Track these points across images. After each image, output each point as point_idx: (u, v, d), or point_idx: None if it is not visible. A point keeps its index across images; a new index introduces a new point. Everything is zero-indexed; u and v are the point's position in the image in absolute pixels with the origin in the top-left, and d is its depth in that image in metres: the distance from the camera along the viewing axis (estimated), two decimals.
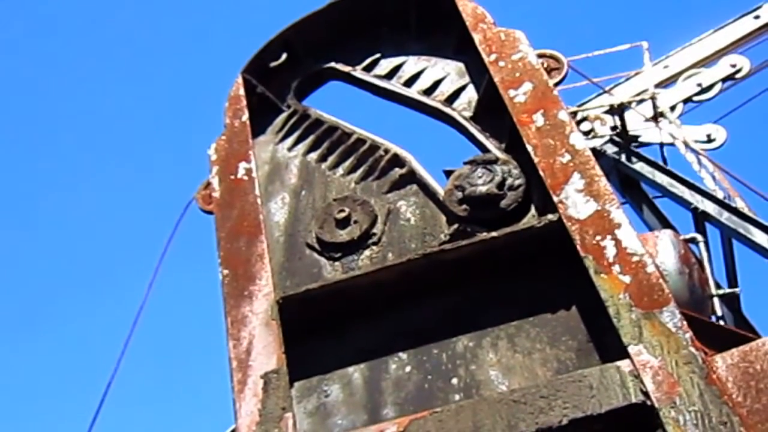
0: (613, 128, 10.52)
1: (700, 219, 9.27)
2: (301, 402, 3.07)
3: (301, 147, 3.94)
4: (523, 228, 3.13)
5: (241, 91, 4.00)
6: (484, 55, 3.61)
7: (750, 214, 9.01)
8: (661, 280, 2.75)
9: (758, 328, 8.03)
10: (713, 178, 10.19)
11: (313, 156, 3.88)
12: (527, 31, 3.63)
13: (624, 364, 2.58)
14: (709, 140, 10.40)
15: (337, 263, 3.42)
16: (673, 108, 10.94)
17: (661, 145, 10.70)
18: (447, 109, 3.77)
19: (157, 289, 5.00)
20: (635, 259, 2.80)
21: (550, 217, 3.06)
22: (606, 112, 10.72)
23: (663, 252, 4.55)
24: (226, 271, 3.34)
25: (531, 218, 3.20)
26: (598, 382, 2.58)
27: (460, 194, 3.31)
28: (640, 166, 10.16)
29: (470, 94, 3.78)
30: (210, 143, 3.86)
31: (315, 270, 3.43)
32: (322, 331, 3.23)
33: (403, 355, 3.10)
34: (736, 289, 8.59)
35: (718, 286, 7.92)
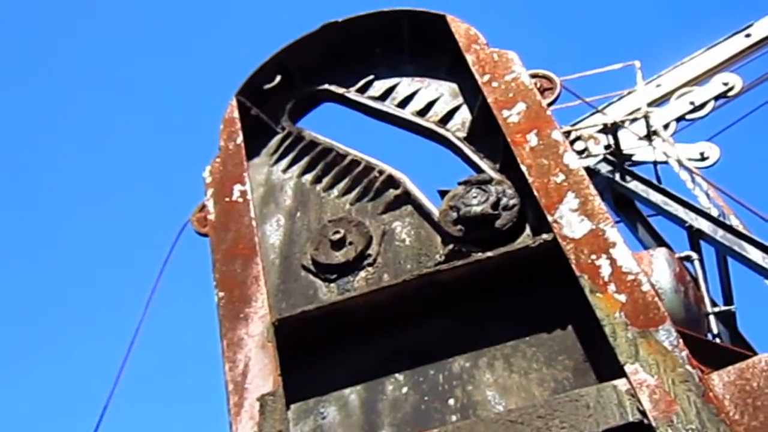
0: (607, 147, 10.54)
1: (695, 237, 9.28)
2: (298, 424, 3.06)
3: (296, 169, 3.94)
4: (518, 248, 3.13)
5: (236, 114, 4.00)
6: (477, 76, 3.62)
7: (745, 232, 9.02)
8: (656, 299, 2.76)
9: (754, 345, 8.03)
10: (707, 196, 10.21)
11: (308, 178, 3.88)
12: (520, 51, 3.65)
13: (621, 383, 2.58)
14: (703, 158, 10.41)
15: (332, 285, 3.42)
16: (666, 126, 10.97)
17: (655, 163, 10.71)
18: (441, 130, 3.78)
19: (153, 312, 4.98)
20: (630, 277, 2.81)
21: (544, 236, 3.06)
22: (599, 131, 10.74)
23: (658, 270, 4.56)
24: (221, 294, 3.33)
25: (526, 238, 3.20)
26: (595, 401, 2.57)
27: (455, 215, 3.32)
28: (634, 185, 10.17)
29: (464, 115, 3.79)
30: (204, 166, 3.86)
31: (311, 292, 3.42)
32: (319, 352, 3.22)
33: (400, 376, 3.09)
34: (732, 307, 8.59)
35: (713, 304, 7.91)
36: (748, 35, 11.95)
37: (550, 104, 3.49)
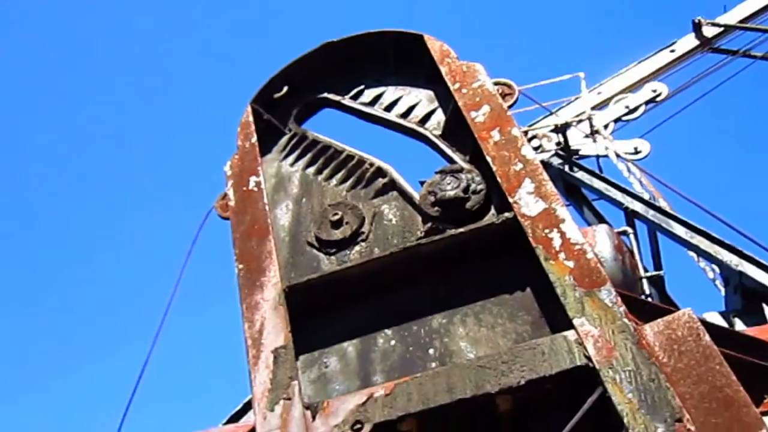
0: (558, 144, 10.56)
1: (630, 216, 9.30)
2: (305, 372, 3.06)
3: (301, 163, 3.93)
4: (485, 225, 3.13)
5: (251, 118, 3.98)
6: (449, 84, 3.61)
7: (671, 212, 9.03)
8: (598, 265, 2.75)
9: (679, 303, 8.07)
10: (640, 182, 10.24)
11: (311, 170, 3.87)
12: (485, 63, 3.64)
13: (570, 334, 2.58)
14: (636, 152, 10.43)
15: (332, 257, 3.41)
16: (606, 126, 10.99)
17: (597, 156, 10.73)
18: (420, 129, 3.77)
19: (183, 284, 4.97)
20: (577, 248, 2.80)
21: (506, 215, 3.06)
22: (551, 130, 10.76)
23: (600, 242, 4.56)
24: (241, 266, 3.32)
25: (491, 216, 3.20)
26: (549, 348, 2.57)
27: (432, 198, 3.31)
28: (580, 175, 10.18)
29: (439, 117, 3.78)
30: (225, 162, 3.85)
31: (314, 263, 3.42)
32: (321, 313, 3.21)
33: (389, 331, 3.09)
34: (661, 272, 8.61)
35: (645, 270, 7.94)
36: (672, 50, 11.98)
37: (509, 107, 3.48)
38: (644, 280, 7.14)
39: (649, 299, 7.26)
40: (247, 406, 8.74)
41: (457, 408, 2.60)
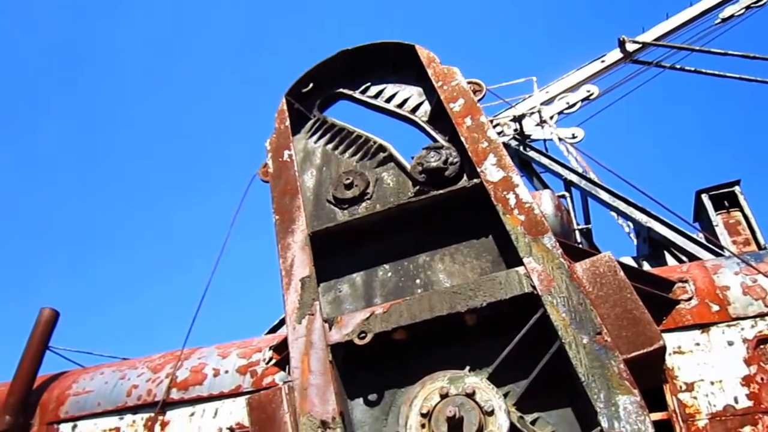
0: (515, 130, 10.46)
1: (567, 185, 9.26)
2: (324, 295, 3.07)
3: (322, 141, 3.88)
4: (459, 188, 3.11)
5: (285, 107, 3.93)
6: (434, 82, 3.56)
7: (598, 182, 9.00)
8: (543, 218, 2.75)
9: (603, 251, 8.06)
10: (576, 160, 10.19)
11: (330, 146, 3.82)
12: (461, 66, 3.58)
13: (521, 270, 2.59)
14: (574, 137, 10.36)
15: (345, 211, 3.39)
16: (551, 117, 10.90)
17: (544, 140, 10.66)
18: (412, 116, 3.71)
19: (234, 232, 4.94)
20: (527, 205, 2.79)
21: (475, 181, 3.04)
22: (510, 120, 10.66)
23: (544, 203, 4.52)
24: (277, 217, 3.30)
25: (464, 182, 3.17)
26: (505, 279, 2.58)
27: (420, 168, 3.28)
28: (531, 154, 10.10)
29: (426, 107, 3.72)
30: (265, 139, 3.81)
31: (332, 215, 3.40)
32: (337, 252, 3.21)
33: (386, 266, 3.09)
34: (589, 226, 8.61)
35: (578, 225, 7.93)
36: (602, 60, 11.81)
37: (479, 100, 3.43)
38: (577, 232, 7.13)
39: (580, 246, 7.26)
40: (282, 323, 8.81)
41: (435, 323, 2.62)
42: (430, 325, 2.62)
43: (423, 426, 2.31)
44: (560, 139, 10.31)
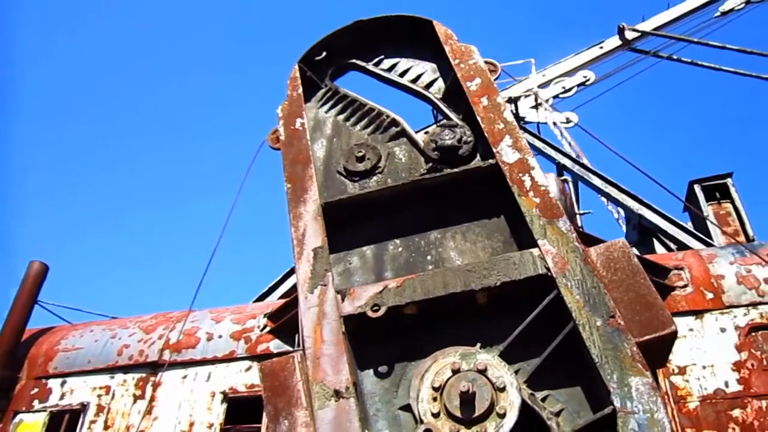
0: (510, 111, 10.47)
1: (560, 169, 9.33)
2: (335, 266, 3.06)
3: (334, 111, 3.85)
4: (473, 167, 3.11)
5: (297, 75, 3.87)
6: (451, 60, 3.53)
7: (590, 167, 9.07)
8: (557, 202, 2.76)
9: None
10: (569, 144, 10.25)
11: (341, 117, 3.79)
12: (478, 45, 3.56)
13: (535, 251, 2.61)
14: (568, 122, 10.42)
15: (356, 184, 3.38)
16: (547, 101, 10.91)
17: (538, 123, 10.69)
18: (426, 92, 3.69)
19: (242, 197, 4.93)
20: (543, 188, 2.81)
21: (490, 161, 3.04)
22: (506, 101, 10.65)
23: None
24: (289, 185, 3.27)
25: (478, 161, 3.17)
26: (519, 260, 2.61)
27: (433, 145, 3.27)
28: (525, 136, 10.09)
29: (440, 84, 3.70)
30: (277, 106, 3.76)
31: (343, 187, 3.39)
32: (347, 224, 3.20)
33: (397, 241, 3.10)
34: (590, 211, 8.73)
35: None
36: (601, 47, 11.81)
37: (494, 80, 3.42)
38: (578, 216, 7.21)
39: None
40: (270, 290, 8.81)
41: (447, 300, 2.64)
42: (442, 301, 2.63)
43: (435, 399, 2.35)
44: (554, 123, 10.35)
